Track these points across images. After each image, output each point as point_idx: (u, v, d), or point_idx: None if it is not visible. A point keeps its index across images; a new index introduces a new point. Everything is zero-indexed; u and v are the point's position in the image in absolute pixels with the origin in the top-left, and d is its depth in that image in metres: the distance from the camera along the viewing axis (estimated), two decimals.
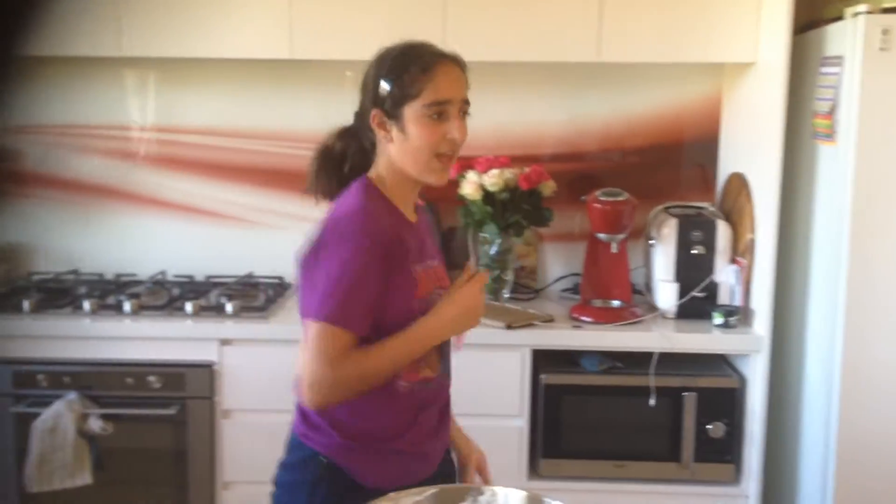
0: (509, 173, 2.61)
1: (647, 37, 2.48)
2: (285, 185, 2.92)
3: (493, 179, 2.58)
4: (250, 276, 2.86)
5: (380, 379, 1.47)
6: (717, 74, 2.82)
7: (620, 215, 2.50)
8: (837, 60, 2.23)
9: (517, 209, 2.62)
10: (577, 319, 2.48)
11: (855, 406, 2.23)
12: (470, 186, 2.62)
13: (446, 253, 2.89)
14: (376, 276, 1.45)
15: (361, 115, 1.58)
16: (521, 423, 2.43)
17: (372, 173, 1.57)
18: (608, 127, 2.89)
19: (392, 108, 1.51)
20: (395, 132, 1.52)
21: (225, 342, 2.43)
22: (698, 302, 2.52)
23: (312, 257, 1.48)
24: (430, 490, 1.13)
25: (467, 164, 2.68)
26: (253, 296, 2.65)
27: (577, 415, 2.45)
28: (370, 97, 1.54)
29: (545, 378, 2.42)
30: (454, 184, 2.74)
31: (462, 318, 1.52)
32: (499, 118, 2.87)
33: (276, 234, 2.93)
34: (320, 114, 2.91)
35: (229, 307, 2.48)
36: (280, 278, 2.86)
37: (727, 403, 2.43)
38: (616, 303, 2.54)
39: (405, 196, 1.58)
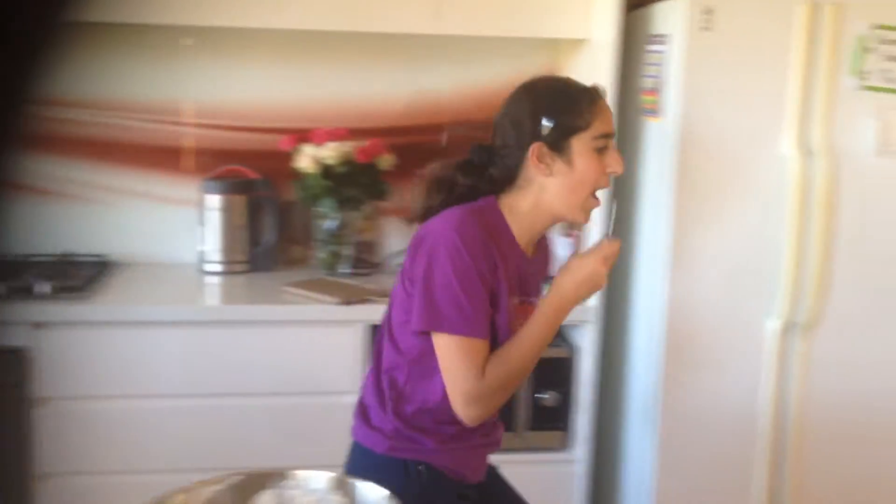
0: (347, 146, 2.54)
1: (484, 10, 2.47)
2: (107, 157, 2.74)
3: (330, 152, 2.51)
4: (68, 254, 2.67)
5: (526, 373, 1.52)
6: (554, 50, 2.85)
7: None
8: (663, 39, 2.29)
9: (355, 183, 2.56)
10: None
11: (677, 372, 2.32)
12: (306, 160, 2.54)
13: (286, 229, 2.81)
14: (480, 286, 1.47)
15: (496, 152, 1.57)
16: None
17: (505, 199, 1.57)
18: (451, 100, 2.87)
19: (558, 141, 1.52)
20: (558, 165, 1.53)
21: (38, 325, 2.26)
22: None
23: (424, 269, 1.47)
24: (233, 478, 1.07)
25: (303, 136, 2.60)
26: (71, 275, 2.47)
27: None
28: (528, 131, 1.53)
29: None
30: (289, 157, 2.66)
31: (581, 287, 1.53)
32: (341, 90, 2.80)
33: (97, 209, 2.75)
34: (151, 83, 2.75)
35: (43, 288, 2.31)
36: (100, 256, 2.69)
37: (559, 373, 2.48)
38: None
39: (532, 231, 1.59)
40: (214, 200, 2.64)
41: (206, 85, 2.76)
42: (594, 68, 2.50)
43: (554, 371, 2.48)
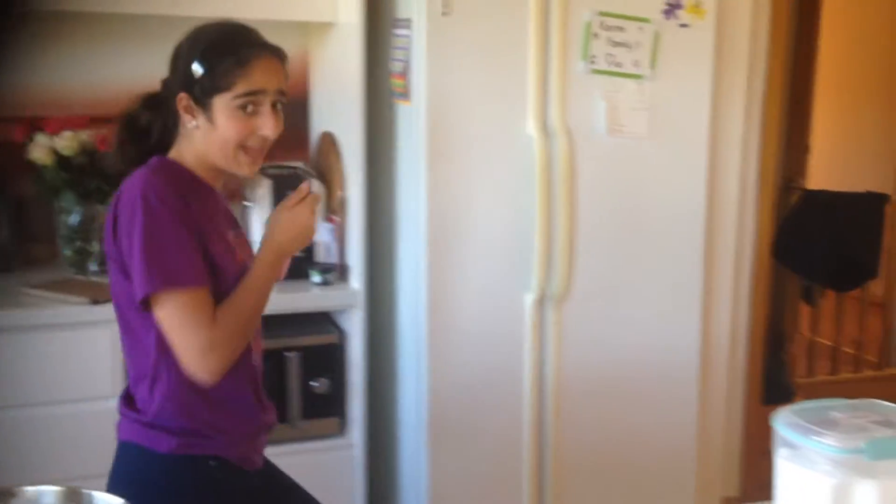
0: (86, 135, 2.39)
1: None
2: None
3: (66, 142, 2.35)
4: None
5: (253, 322, 1.53)
6: (304, 33, 2.82)
7: None
8: (407, 23, 2.34)
9: (98, 174, 2.41)
10: None
11: (443, 350, 2.39)
12: (40, 151, 2.36)
13: (25, 227, 2.60)
14: (187, 234, 1.44)
15: (169, 89, 1.53)
16: (116, 404, 2.27)
17: (174, 154, 1.53)
18: None
19: (201, 96, 1.47)
20: (201, 120, 1.49)
21: None
22: (298, 262, 2.50)
23: (120, 239, 1.44)
24: None
25: (36, 125, 2.41)
26: None
27: None
28: (179, 78, 1.50)
29: None
30: (22, 148, 2.45)
31: (296, 241, 1.58)
32: (83, 75, 2.61)
33: None
34: None
35: None
36: None
37: (329, 359, 2.49)
38: None
39: (218, 172, 1.56)
40: None
41: None
42: (343, 52, 2.52)
43: (324, 357, 2.48)
